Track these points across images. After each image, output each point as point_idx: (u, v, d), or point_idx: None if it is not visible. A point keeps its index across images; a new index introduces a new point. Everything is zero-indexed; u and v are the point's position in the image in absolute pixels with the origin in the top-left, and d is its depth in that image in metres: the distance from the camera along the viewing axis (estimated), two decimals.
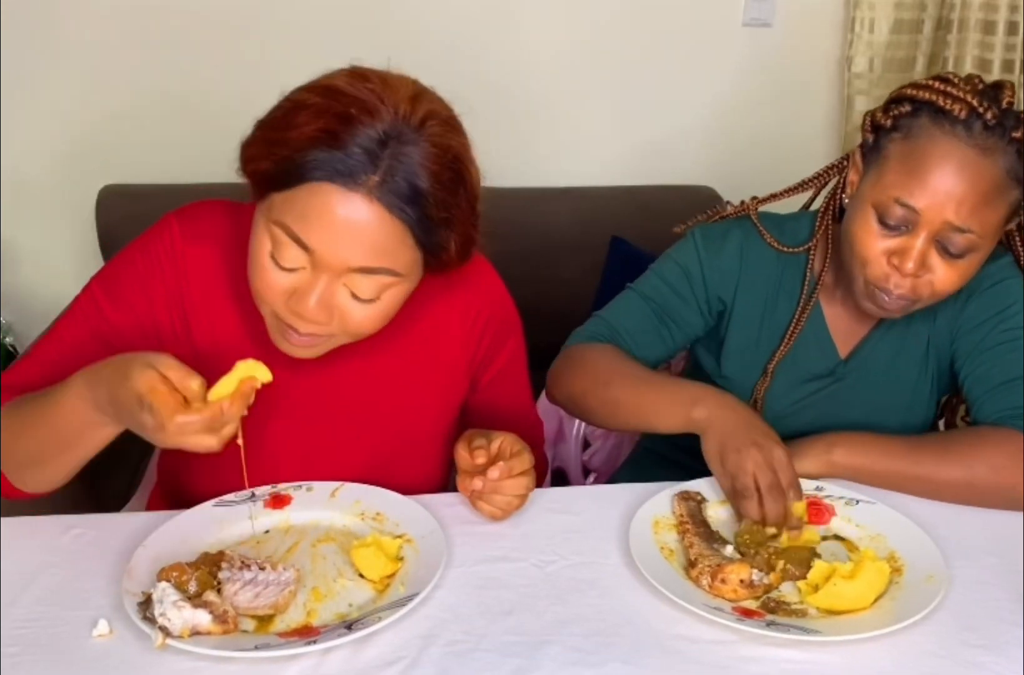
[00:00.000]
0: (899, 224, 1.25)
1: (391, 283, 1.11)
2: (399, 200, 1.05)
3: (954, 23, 2.65)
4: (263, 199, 1.10)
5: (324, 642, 0.98)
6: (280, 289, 1.10)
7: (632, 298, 1.50)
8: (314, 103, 1.06)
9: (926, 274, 1.26)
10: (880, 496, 1.27)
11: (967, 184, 1.21)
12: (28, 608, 1.05)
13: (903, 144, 1.25)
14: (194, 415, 0.99)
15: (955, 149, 1.21)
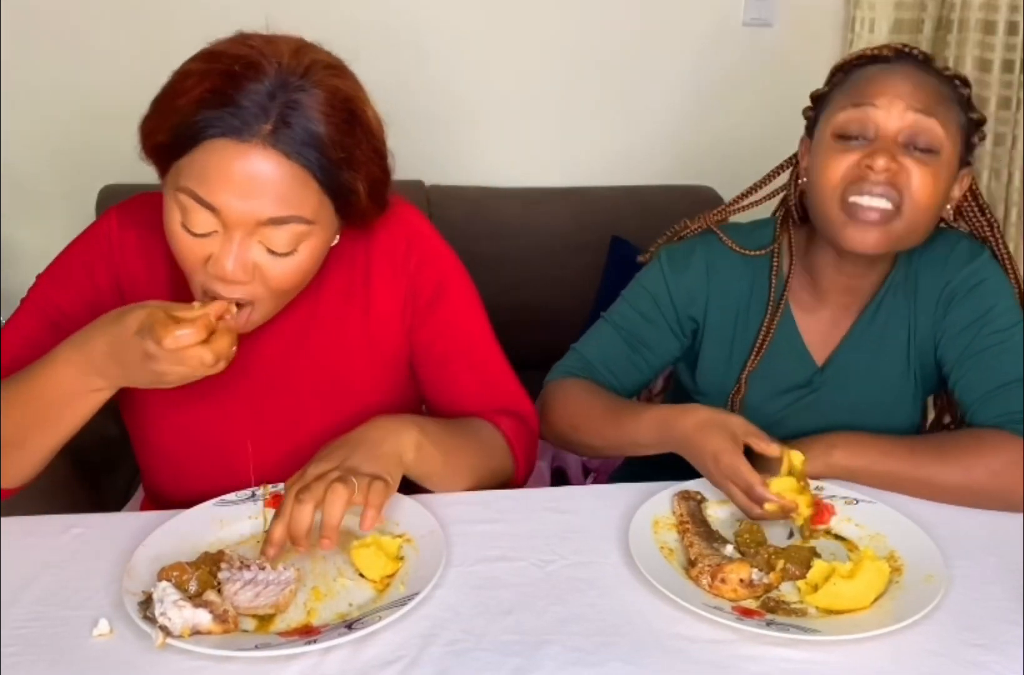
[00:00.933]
0: (859, 133, 1.28)
1: (304, 232, 1.11)
2: (296, 145, 1.06)
3: (954, 23, 2.64)
4: (166, 173, 1.13)
5: (324, 641, 0.98)
6: (197, 256, 1.12)
7: (605, 329, 1.50)
8: (198, 68, 1.08)
9: (901, 172, 1.27)
10: (880, 495, 1.27)
11: (917, 83, 1.28)
12: (28, 608, 1.05)
13: (842, 85, 1.35)
14: (187, 327, 1.02)
15: (893, 68, 1.30)
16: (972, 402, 1.35)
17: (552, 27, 2.63)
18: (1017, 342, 1.34)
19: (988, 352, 1.34)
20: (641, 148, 2.77)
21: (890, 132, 1.27)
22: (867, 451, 1.30)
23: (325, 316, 1.32)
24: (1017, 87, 2.66)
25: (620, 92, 2.72)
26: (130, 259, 1.28)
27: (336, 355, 1.33)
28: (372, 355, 1.34)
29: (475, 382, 1.37)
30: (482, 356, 1.38)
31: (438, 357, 1.36)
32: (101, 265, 1.27)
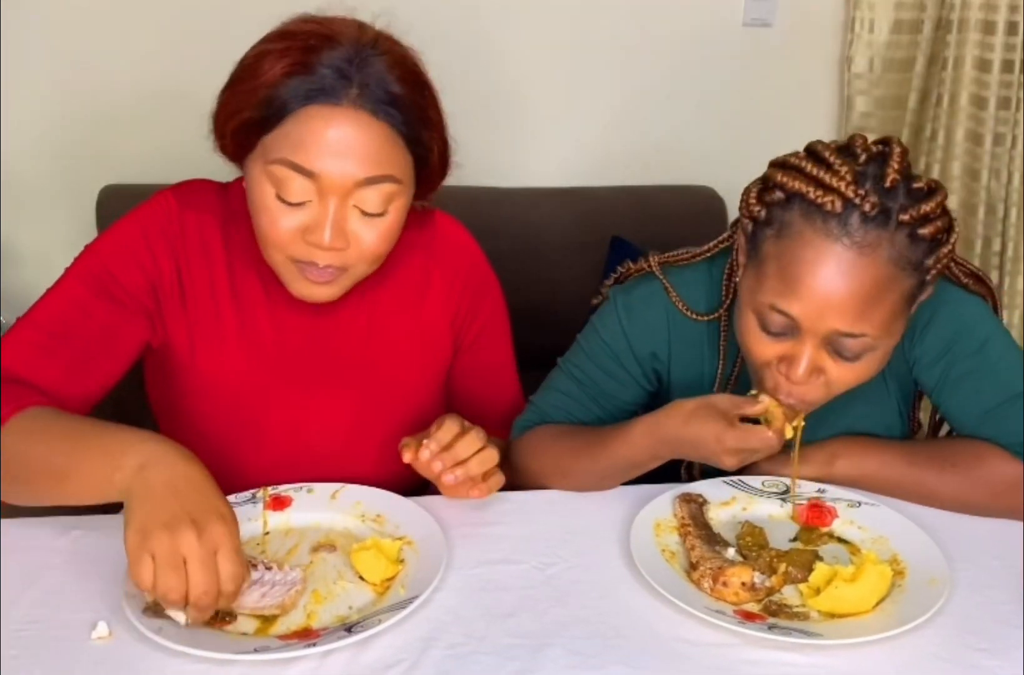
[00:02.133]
0: (782, 330, 1.14)
1: (394, 192, 1.16)
2: (380, 104, 1.13)
3: (954, 23, 2.64)
4: (252, 151, 1.16)
5: (324, 645, 0.98)
6: (293, 229, 1.15)
7: (565, 382, 1.40)
8: (273, 49, 1.14)
9: (820, 379, 1.16)
10: (883, 498, 1.27)
11: (847, 289, 1.08)
12: (27, 610, 1.05)
13: (775, 245, 1.12)
14: None
15: (829, 252, 1.07)
16: (964, 426, 1.31)
17: (551, 27, 2.63)
18: (993, 360, 1.27)
19: (967, 379, 1.28)
20: (641, 148, 2.77)
21: (812, 342, 1.13)
22: (867, 462, 1.29)
23: (381, 316, 1.36)
24: (1017, 87, 2.66)
25: (620, 92, 2.72)
26: (190, 241, 1.28)
27: (385, 354, 1.36)
28: (424, 360, 1.40)
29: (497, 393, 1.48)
30: (506, 382, 1.51)
31: (469, 375, 1.47)
32: (162, 242, 1.26)
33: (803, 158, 1.13)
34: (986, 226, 2.78)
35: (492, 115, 2.64)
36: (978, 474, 1.26)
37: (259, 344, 1.31)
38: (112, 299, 1.24)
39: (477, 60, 2.59)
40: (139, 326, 1.27)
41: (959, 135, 2.73)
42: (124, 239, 1.27)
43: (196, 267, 1.28)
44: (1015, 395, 1.26)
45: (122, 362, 1.27)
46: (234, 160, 1.21)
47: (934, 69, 2.69)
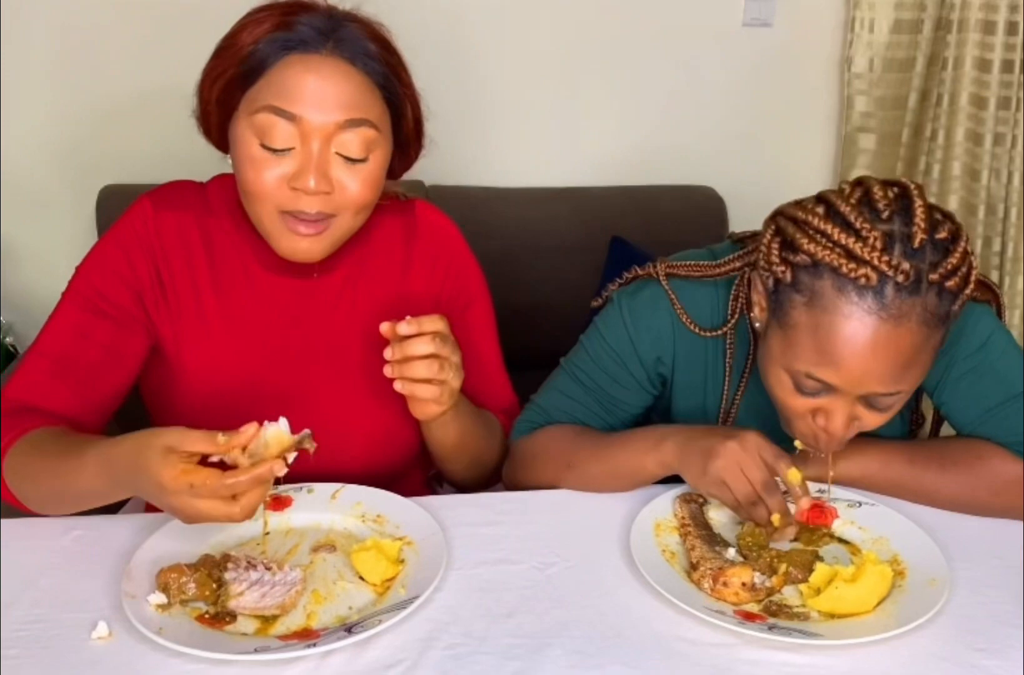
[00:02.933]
0: (817, 391, 1.14)
1: (373, 139, 1.21)
2: (358, 55, 1.20)
3: (954, 23, 2.64)
4: (236, 109, 1.21)
5: (324, 645, 0.98)
6: (278, 178, 1.19)
7: (569, 384, 1.39)
8: (254, 17, 1.21)
9: (853, 425, 1.17)
10: (883, 498, 1.27)
11: (887, 359, 1.08)
12: (27, 610, 1.05)
13: (807, 314, 1.10)
14: (209, 497, 1.00)
15: (866, 327, 1.06)
16: (964, 426, 1.31)
17: (551, 28, 2.63)
18: (993, 360, 1.28)
19: (967, 378, 1.28)
20: (641, 148, 2.77)
21: (850, 398, 1.13)
22: (868, 463, 1.29)
23: (367, 298, 1.37)
24: (1017, 87, 2.66)
25: (620, 92, 2.72)
26: (167, 241, 1.31)
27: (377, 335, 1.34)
28: None
29: (482, 382, 1.44)
30: (491, 364, 1.48)
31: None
32: (137, 249, 1.30)
33: (824, 219, 1.09)
34: (986, 226, 2.78)
35: (492, 115, 2.64)
36: (978, 473, 1.26)
37: (244, 331, 1.33)
38: (106, 317, 1.29)
39: (477, 60, 2.59)
40: (137, 338, 1.31)
41: (959, 135, 2.73)
42: (105, 256, 1.31)
43: (175, 264, 1.31)
44: (1015, 395, 1.27)
45: (129, 375, 1.32)
46: (220, 143, 1.27)
47: (934, 69, 2.69)
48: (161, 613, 1.02)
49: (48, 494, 1.18)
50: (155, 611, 1.02)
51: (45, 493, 1.18)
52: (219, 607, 1.04)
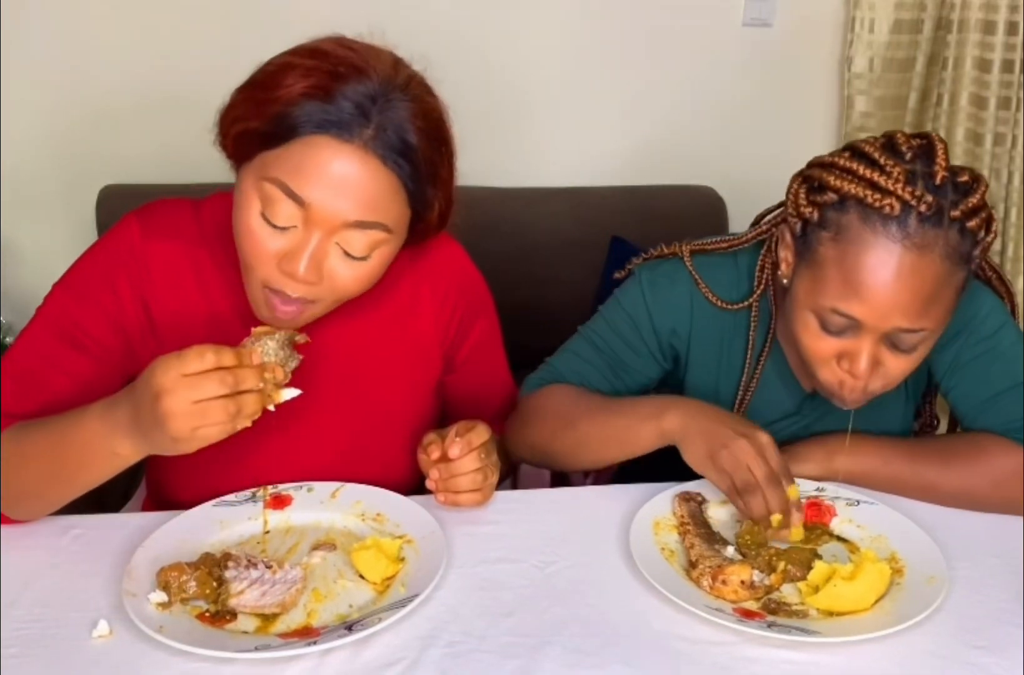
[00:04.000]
0: (843, 329, 1.16)
1: (382, 240, 1.12)
2: (393, 153, 1.08)
3: (954, 23, 2.64)
4: (249, 160, 1.10)
5: (324, 643, 0.98)
6: (271, 251, 1.10)
7: (583, 347, 1.43)
8: (301, 64, 1.09)
9: (879, 370, 1.19)
10: (881, 497, 1.27)
11: (910, 290, 1.11)
12: (28, 609, 1.05)
13: (834, 248, 1.14)
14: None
15: (891, 255, 1.10)
16: (968, 412, 1.33)
17: (551, 28, 2.63)
18: (1005, 347, 1.31)
19: (978, 361, 1.31)
20: (641, 148, 2.77)
21: (874, 337, 1.16)
22: (868, 457, 1.29)
23: (369, 337, 1.33)
24: (1017, 87, 2.66)
25: (620, 92, 2.72)
26: (155, 271, 1.24)
27: (374, 375, 1.34)
28: (413, 378, 1.38)
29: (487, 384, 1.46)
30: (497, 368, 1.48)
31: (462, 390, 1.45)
32: (123, 279, 1.23)
33: (850, 159, 1.14)
34: None
35: (492, 115, 2.65)
36: (979, 465, 1.27)
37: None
38: (78, 346, 1.22)
39: (477, 60, 2.59)
40: (109, 372, 1.24)
41: (959, 135, 2.73)
42: (87, 283, 1.24)
43: (164, 296, 1.25)
44: (1020, 383, 1.29)
45: None
46: (230, 158, 1.17)
47: (934, 69, 2.70)
48: (162, 611, 1.02)
49: (38, 476, 1.12)
50: (156, 609, 1.02)
51: (35, 477, 1.12)
52: (219, 605, 1.04)
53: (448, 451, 1.17)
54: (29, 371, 1.22)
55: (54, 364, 1.21)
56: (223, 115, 1.13)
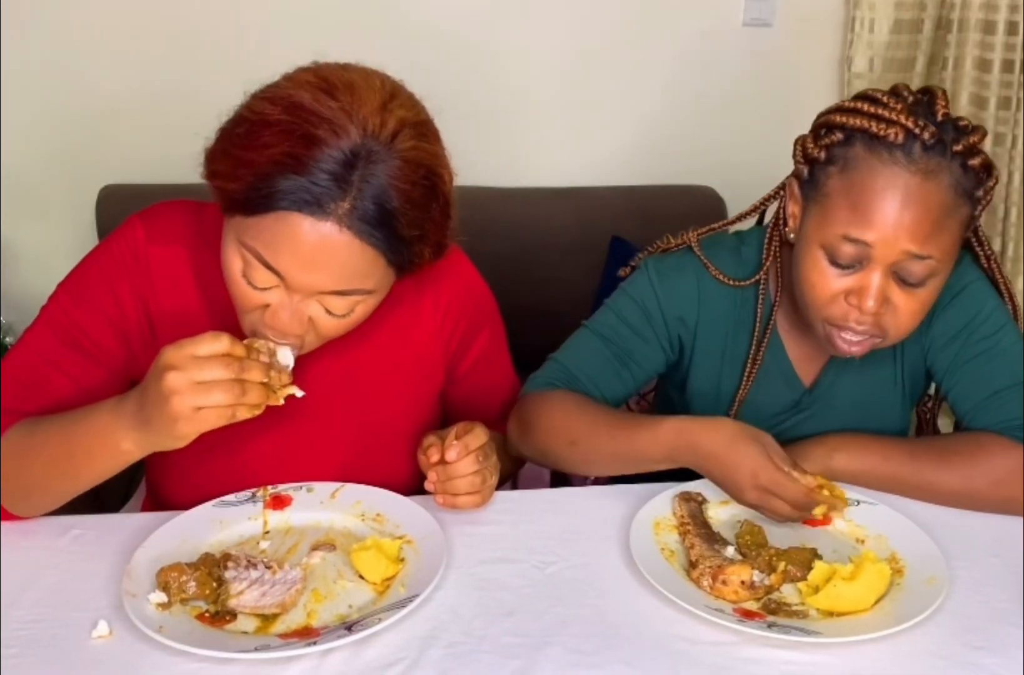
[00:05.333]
0: (852, 262, 1.19)
1: (363, 299, 1.12)
2: (370, 226, 1.03)
3: (954, 23, 2.64)
4: (230, 216, 1.09)
5: (324, 643, 0.98)
6: (254, 304, 1.11)
7: (590, 339, 1.42)
8: (278, 120, 1.03)
9: (888, 309, 1.20)
10: (881, 497, 1.27)
11: (917, 212, 1.14)
12: (28, 609, 1.05)
13: (841, 179, 1.19)
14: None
15: (898, 178, 1.15)
16: (968, 410, 1.33)
17: (551, 28, 2.63)
18: (1005, 346, 1.32)
19: (978, 360, 1.32)
20: (641, 148, 2.77)
21: (882, 268, 1.18)
22: (868, 456, 1.29)
23: (370, 349, 1.32)
24: (1017, 87, 2.66)
25: (620, 92, 2.72)
26: (156, 276, 1.24)
27: (375, 386, 1.34)
28: (415, 390, 1.37)
29: (492, 387, 1.45)
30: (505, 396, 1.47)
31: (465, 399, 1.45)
32: (125, 283, 1.23)
33: (856, 101, 1.21)
34: (986, 226, 2.78)
35: (492, 115, 2.65)
36: (978, 464, 1.27)
37: None
38: (80, 350, 1.22)
39: (477, 60, 2.59)
40: (110, 376, 1.24)
41: None
42: (89, 287, 1.24)
43: (166, 302, 1.24)
44: (1020, 382, 1.29)
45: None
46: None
47: (934, 69, 2.70)
48: (161, 612, 1.02)
49: (43, 471, 1.13)
50: (155, 610, 1.02)
51: (40, 471, 1.13)
52: (219, 606, 1.04)
53: (446, 454, 1.17)
54: (30, 372, 1.22)
55: (55, 366, 1.21)
56: (207, 157, 1.11)
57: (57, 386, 1.21)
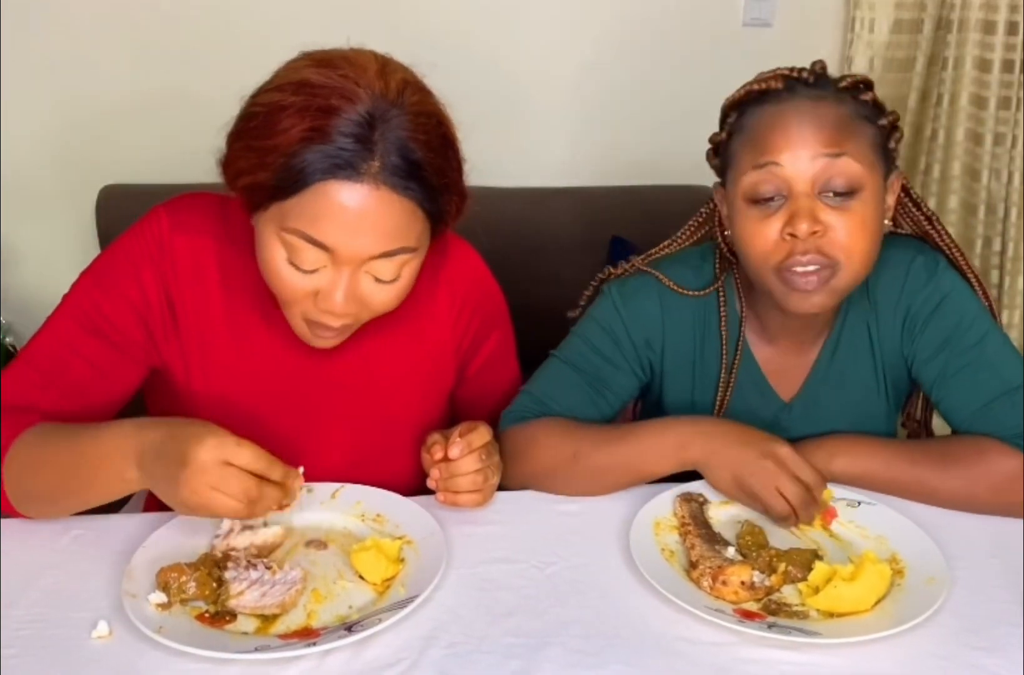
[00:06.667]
0: (774, 194, 1.19)
1: (409, 259, 1.14)
2: (403, 180, 1.07)
3: (954, 23, 2.64)
4: (264, 210, 1.10)
5: (324, 644, 0.98)
6: (305, 292, 1.13)
7: (561, 369, 1.40)
8: (291, 102, 1.06)
9: (826, 232, 1.18)
10: (882, 498, 1.27)
11: (818, 121, 1.17)
12: (27, 609, 1.05)
13: (743, 137, 1.24)
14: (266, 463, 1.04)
15: (788, 109, 1.19)
16: (962, 420, 1.32)
17: (551, 28, 2.63)
18: (991, 354, 1.30)
19: (965, 371, 1.30)
20: (641, 148, 2.77)
21: (803, 187, 1.18)
22: (869, 461, 1.29)
23: (385, 345, 1.33)
24: (1017, 87, 2.66)
25: (620, 92, 2.72)
26: (180, 266, 1.25)
27: (388, 383, 1.35)
28: (426, 386, 1.38)
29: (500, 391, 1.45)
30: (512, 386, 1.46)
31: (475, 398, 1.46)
32: (149, 271, 1.24)
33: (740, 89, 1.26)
34: (986, 226, 2.78)
35: (492, 115, 2.64)
36: (979, 469, 1.26)
37: (256, 371, 1.29)
38: (102, 337, 1.23)
39: (477, 60, 2.59)
40: (131, 363, 1.26)
41: (959, 135, 2.73)
42: (114, 273, 1.25)
43: (188, 292, 1.25)
44: (1014, 388, 1.28)
45: (118, 396, 1.27)
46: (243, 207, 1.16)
47: (934, 69, 2.70)
48: (161, 612, 1.02)
49: (51, 484, 1.14)
50: (155, 610, 1.02)
51: (48, 484, 1.14)
52: (219, 606, 1.04)
53: (448, 452, 1.17)
54: (51, 358, 1.23)
55: (76, 351, 1.23)
56: (224, 166, 1.13)
57: (77, 373, 1.23)
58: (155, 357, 1.27)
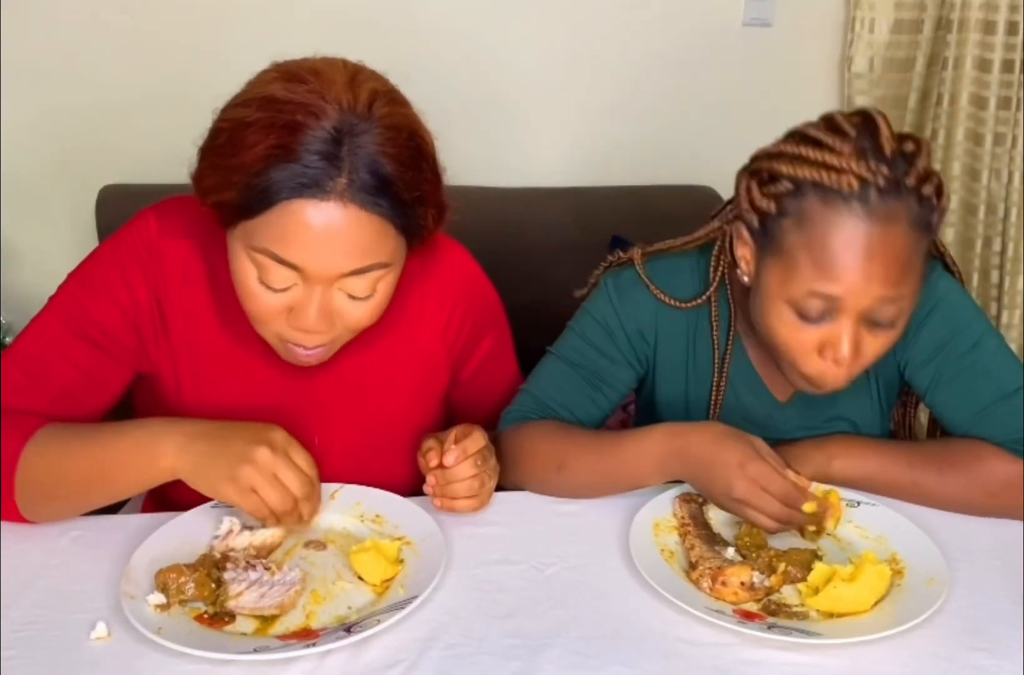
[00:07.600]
0: (822, 315, 1.15)
1: (383, 275, 1.12)
2: (371, 196, 1.05)
3: (954, 23, 2.64)
4: (232, 228, 1.09)
5: (323, 645, 0.98)
6: (277, 310, 1.12)
7: (558, 366, 1.40)
8: (256, 119, 1.04)
9: (859, 351, 1.17)
10: (881, 498, 1.27)
11: (884, 259, 1.11)
12: (26, 610, 1.05)
13: (799, 235, 1.13)
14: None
15: (858, 230, 1.10)
16: (959, 426, 1.31)
17: (551, 28, 2.63)
18: (987, 359, 1.29)
19: (961, 377, 1.29)
20: (641, 148, 2.77)
21: (853, 316, 1.14)
22: (867, 464, 1.29)
23: (377, 350, 1.32)
24: (1017, 87, 2.65)
25: (620, 92, 2.72)
26: (169, 270, 1.23)
27: (382, 387, 1.34)
28: (420, 389, 1.37)
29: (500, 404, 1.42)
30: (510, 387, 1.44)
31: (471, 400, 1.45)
32: (138, 274, 1.22)
33: (797, 145, 1.15)
34: (986, 226, 2.77)
35: (492, 115, 2.64)
36: (976, 474, 1.26)
37: (248, 377, 1.28)
38: (89, 340, 1.22)
39: (476, 60, 2.58)
40: (119, 367, 1.25)
41: (959, 135, 2.72)
42: (102, 276, 1.23)
43: (176, 296, 1.24)
44: (1010, 392, 1.27)
45: (105, 399, 1.26)
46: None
47: (934, 69, 2.69)
48: (160, 613, 1.02)
49: (75, 481, 1.14)
50: (154, 611, 1.02)
51: (72, 481, 1.14)
52: (218, 607, 1.04)
53: (444, 459, 1.17)
54: (38, 361, 1.22)
55: (63, 355, 1.21)
56: (194, 179, 1.12)
57: (64, 376, 1.21)
58: (145, 362, 1.26)
